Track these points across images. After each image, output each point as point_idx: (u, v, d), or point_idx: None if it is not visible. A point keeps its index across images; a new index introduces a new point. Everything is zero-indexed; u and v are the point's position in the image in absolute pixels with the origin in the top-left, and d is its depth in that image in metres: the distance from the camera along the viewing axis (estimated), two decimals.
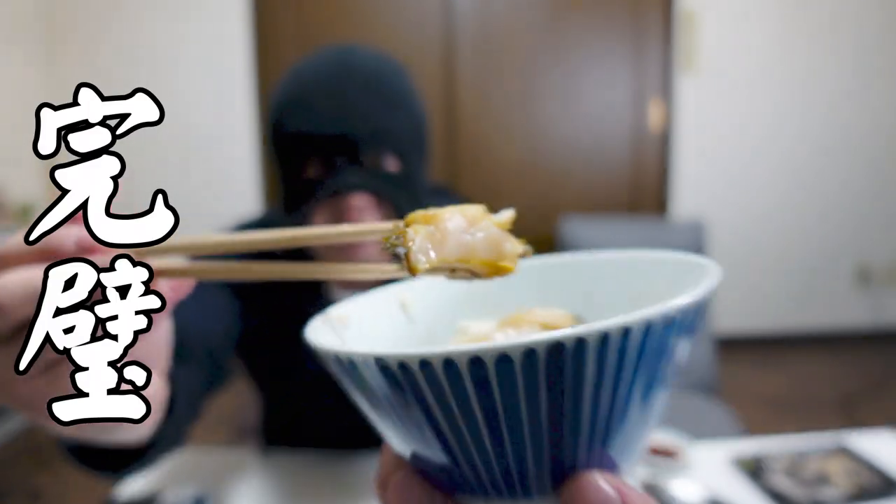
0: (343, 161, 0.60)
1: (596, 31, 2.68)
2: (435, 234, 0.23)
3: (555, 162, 2.77)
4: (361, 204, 0.61)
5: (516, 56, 2.68)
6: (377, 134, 0.61)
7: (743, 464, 0.81)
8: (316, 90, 0.60)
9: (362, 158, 0.61)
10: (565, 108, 2.73)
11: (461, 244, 0.23)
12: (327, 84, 0.60)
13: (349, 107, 0.60)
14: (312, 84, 0.61)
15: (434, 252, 0.22)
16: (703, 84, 2.71)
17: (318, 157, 0.61)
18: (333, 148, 0.60)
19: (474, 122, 2.70)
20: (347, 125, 0.60)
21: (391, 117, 0.62)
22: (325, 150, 0.61)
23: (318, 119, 0.60)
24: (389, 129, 0.62)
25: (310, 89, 0.61)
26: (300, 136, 0.61)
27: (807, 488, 0.75)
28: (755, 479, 0.77)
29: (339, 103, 0.60)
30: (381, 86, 0.62)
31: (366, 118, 0.60)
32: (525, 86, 2.71)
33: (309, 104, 0.61)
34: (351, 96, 0.60)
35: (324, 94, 0.60)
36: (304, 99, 0.61)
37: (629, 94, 2.74)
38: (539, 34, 2.67)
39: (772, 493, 0.74)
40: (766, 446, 0.85)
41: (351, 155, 0.60)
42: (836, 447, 0.85)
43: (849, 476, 0.78)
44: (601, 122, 2.75)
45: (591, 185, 2.80)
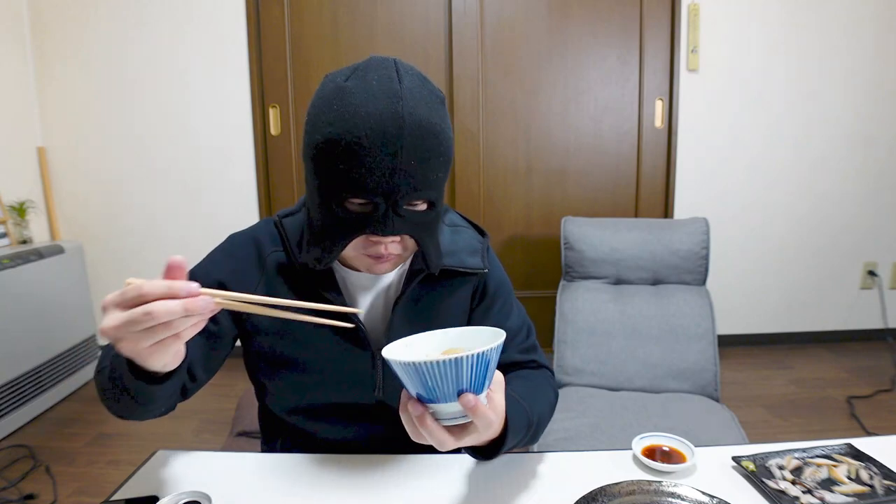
0: (385, 207, 0.68)
1: (597, 30, 2.68)
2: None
3: (557, 163, 2.77)
4: (392, 241, 0.72)
5: (516, 56, 2.68)
6: (420, 187, 0.68)
7: (747, 467, 0.81)
8: (370, 144, 0.64)
9: (402, 206, 0.68)
10: (567, 108, 2.73)
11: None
12: (381, 138, 0.64)
13: (401, 169, 0.66)
14: (368, 139, 0.64)
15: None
16: (705, 84, 2.71)
17: (360, 197, 0.68)
18: (381, 197, 0.67)
19: (474, 122, 2.69)
20: (399, 183, 0.66)
21: (433, 170, 0.69)
22: (369, 195, 0.67)
23: (372, 176, 0.65)
24: (430, 182, 0.69)
25: (365, 145, 0.64)
26: (349, 178, 0.66)
27: (811, 492, 0.75)
28: (759, 483, 0.77)
29: (393, 166, 0.65)
30: (427, 142, 0.67)
31: (414, 176, 0.67)
32: (526, 86, 2.70)
33: (361, 156, 0.65)
34: (404, 158, 0.65)
35: (380, 155, 0.65)
36: (357, 147, 0.65)
37: (632, 93, 2.73)
38: (540, 34, 2.67)
39: (776, 497, 0.74)
40: (770, 449, 0.85)
41: (394, 205, 0.68)
42: (842, 450, 0.85)
43: (854, 479, 0.78)
44: (603, 123, 2.75)
45: (594, 186, 2.80)
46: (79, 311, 2.60)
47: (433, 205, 0.72)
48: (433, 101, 0.69)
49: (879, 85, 2.78)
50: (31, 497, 1.72)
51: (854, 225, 2.91)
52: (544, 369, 0.93)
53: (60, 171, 2.69)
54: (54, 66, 2.61)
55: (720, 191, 2.82)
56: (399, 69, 0.68)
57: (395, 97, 0.65)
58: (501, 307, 0.91)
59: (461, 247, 0.86)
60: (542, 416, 0.83)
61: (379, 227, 0.68)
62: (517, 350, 0.91)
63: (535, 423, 0.80)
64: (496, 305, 0.91)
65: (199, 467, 0.83)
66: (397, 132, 0.64)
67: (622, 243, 2.00)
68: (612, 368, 1.82)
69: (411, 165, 0.66)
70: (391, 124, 0.64)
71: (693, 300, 1.90)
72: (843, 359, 2.80)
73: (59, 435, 2.15)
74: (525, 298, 0.99)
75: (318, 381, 0.85)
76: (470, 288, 0.89)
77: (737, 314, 2.95)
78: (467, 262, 0.86)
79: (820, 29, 2.71)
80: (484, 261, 0.88)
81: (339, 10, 2.62)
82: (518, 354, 0.91)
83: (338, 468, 0.83)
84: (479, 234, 0.91)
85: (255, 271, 0.83)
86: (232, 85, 2.62)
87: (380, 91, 0.66)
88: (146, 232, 2.74)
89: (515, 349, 0.91)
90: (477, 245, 0.88)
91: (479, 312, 0.90)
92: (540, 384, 0.89)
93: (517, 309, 0.94)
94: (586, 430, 1.50)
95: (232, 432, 1.33)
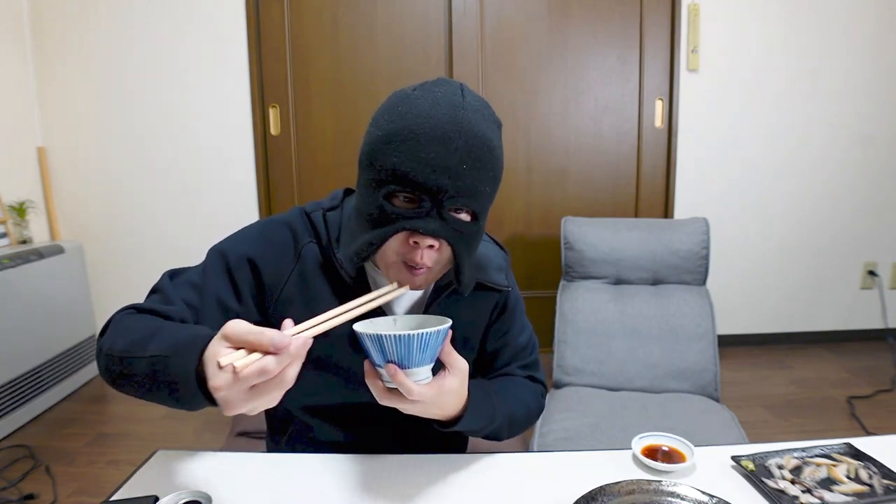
0: (430, 206, 0.69)
1: (597, 30, 2.68)
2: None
3: (557, 163, 2.77)
4: (432, 244, 0.72)
5: (516, 56, 2.68)
6: (468, 196, 0.70)
7: (746, 466, 0.81)
8: (426, 140, 0.68)
9: (447, 209, 0.70)
10: (567, 108, 2.73)
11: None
12: (438, 137, 0.67)
13: (453, 168, 0.68)
14: (425, 135, 0.68)
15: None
16: (705, 84, 2.71)
17: (410, 195, 0.70)
18: (428, 194, 0.69)
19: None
20: (447, 183, 0.68)
21: (482, 182, 0.71)
22: (419, 192, 0.69)
23: (424, 169, 0.68)
24: (478, 192, 0.71)
25: (422, 140, 0.68)
26: (403, 174, 0.68)
27: (811, 491, 0.75)
28: (758, 482, 0.77)
29: (446, 164, 0.68)
30: (481, 152, 0.70)
31: (462, 180, 0.69)
32: (526, 86, 2.70)
33: (416, 150, 0.68)
34: (456, 159, 0.68)
35: (434, 150, 0.67)
36: (413, 141, 0.68)
37: (632, 93, 2.73)
38: (540, 34, 2.67)
39: (775, 496, 0.74)
40: (770, 449, 0.85)
41: (439, 205, 0.69)
42: (841, 449, 0.85)
43: (854, 479, 0.78)
44: (603, 123, 2.75)
45: (594, 186, 2.80)
46: (79, 311, 2.60)
47: (476, 218, 0.74)
48: (491, 121, 0.73)
49: (879, 85, 2.78)
50: (31, 497, 1.72)
51: (854, 225, 2.91)
52: (538, 384, 0.97)
53: (60, 171, 2.69)
54: (54, 66, 2.61)
55: (720, 191, 2.82)
56: (464, 89, 0.72)
57: (458, 107, 0.69)
58: (517, 321, 0.95)
59: (488, 262, 0.90)
60: (513, 414, 0.88)
61: (421, 224, 0.70)
62: (518, 366, 0.95)
63: (502, 416, 0.85)
64: (513, 321, 0.94)
65: (199, 467, 0.83)
66: (454, 134, 0.67)
67: (622, 243, 2.00)
68: (612, 368, 1.82)
69: (462, 169, 0.68)
70: (450, 127, 0.68)
71: (693, 300, 1.90)
72: (843, 359, 2.80)
73: (58, 435, 2.15)
74: (525, 298, 1.00)
75: (338, 379, 0.86)
76: (491, 303, 0.91)
77: (737, 314, 2.95)
78: (494, 278, 0.89)
79: (820, 29, 2.71)
80: (508, 279, 0.92)
81: (339, 10, 2.62)
82: (518, 370, 0.95)
83: (338, 468, 0.83)
84: (501, 250, 0.95)
85: (290, 259, 0.82)
86: (232, 85, 2.62)
87: (443, 100, 0.69)
88: (146, 232, 2.74)
89: (517, 365, 0.95)
90: (502, 263, 0.92)
91: (496, 327, 0.93)
92: (522, 390, 0.93)
93: (528, 326, 0.98)
94: (586, 430, 1.50)
95: (232, 432, 1.33)
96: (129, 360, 0.67)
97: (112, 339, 0.72)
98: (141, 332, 0.69)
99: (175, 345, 0.63)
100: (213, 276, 0.79)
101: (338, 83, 2.67)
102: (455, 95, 0.70)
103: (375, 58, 2.65)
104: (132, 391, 0.70)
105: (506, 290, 0.90)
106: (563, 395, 1.73)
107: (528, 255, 2.82)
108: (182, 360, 0.61)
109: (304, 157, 2.72)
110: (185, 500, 0.68)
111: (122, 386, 0.70)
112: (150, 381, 0.65)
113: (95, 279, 2.73)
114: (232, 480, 0.80)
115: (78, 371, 2.55)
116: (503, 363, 0.95)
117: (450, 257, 0.75)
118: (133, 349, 0.67)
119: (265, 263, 0.81)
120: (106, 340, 0.72)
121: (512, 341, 0.94)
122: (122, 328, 0.72)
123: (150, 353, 0.65)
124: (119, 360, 0.69)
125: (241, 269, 0.80)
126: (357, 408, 0.87)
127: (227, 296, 0.79)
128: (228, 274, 0.80)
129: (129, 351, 0.68)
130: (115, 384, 0.71)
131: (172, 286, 0.79)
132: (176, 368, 0.61)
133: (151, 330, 0.68)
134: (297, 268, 0.82)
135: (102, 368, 0.72)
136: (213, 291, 0.79)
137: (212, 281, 0.79)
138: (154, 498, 0.71)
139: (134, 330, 0.70)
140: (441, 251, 0.74)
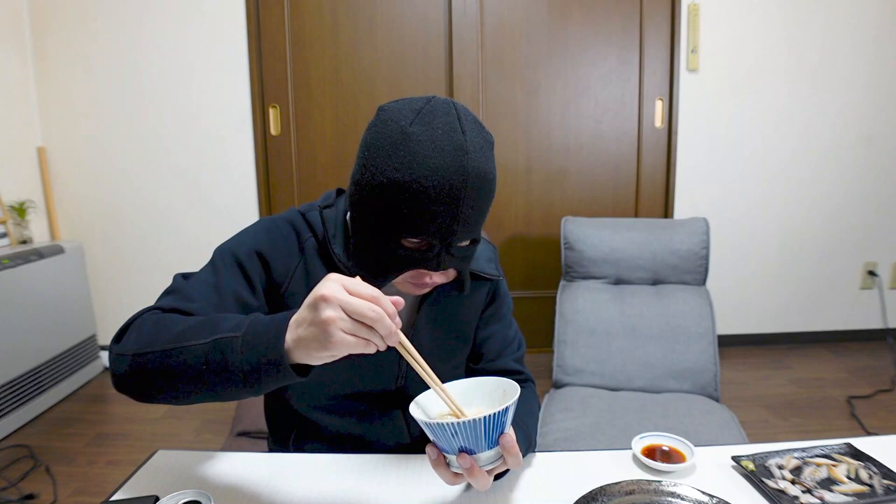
0: (439, 248, 0.74)
1: (598, 30, 2.68)
2: None
3: (557, 163, 2.77)
4: (440, 274, 0.78)
5: (516, 56, 2.68)
6: (473, 231, 0.75)
7: (746, 466, 0.81)
8: (436, 194, 0.69)
9: (454, 246, 0.74)
10: (567, 108, 2.73)
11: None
12: (446, 190, 0.69)
13: (461, 217, 0.72)
14: (434, 189, 0.69)
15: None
16: (705, 83, 2.71)
17: (418, 238, 0.73)
18: (436, 238, 0.73)
19: None
20: (456, 229, 0.72)
21: (485, 214, 0.77)
22: (427, 237, 0.73)
23: (432, 218, 0.71)
24: (481, 222, 0.76)
25: (431, 194, 0.69)
26: (411, 221, 0.71)
27: (811, 491, 0.75)
28: (758, 482, 0.77)
29: (455, 216, 0.71)
30: (485, 191, 0.73)
31: (469, 221, 0.73)
32: (526, 86, 2.70)
33: (426, 203, 0.70)
34: (465, 208, 0.71)
35: (444, 205, 0.70)
36: (423, 195, 0.69)
37: (632, 93, 2.73)
38: (540, 34, 2.67)
39: (775, 496, 0.74)
40: (770, 449, 0.85)
41: (447, 245, 0.74)
42: (841, 450, 0.85)
43: (854, 479, 0.78)
44: (603, 123, 2.75)
45: (594, 186, 2.80)
46: (79, 311, 2.60)
47: (477, 242, 0.79)
48: (488, 149, 0.75)
49: (879, 85, 2.78)
50: (31, 497, 1.72)
51: (854, 225, 2.91)
52: (529, 382, 1.00)
53: (60, 171, 2.69)
54: (54, 66, 2.61)
55: (720, 191, 2.82)
56: (460, 116, 0.72)
57: (461, 150, 0.70)
58: (506, 314, 1.00)
59: (479, 253, 0.93)
60: (535, 431, 0.92)
61: (432, 264, 0.75)
62: (512, 358, 0.99)
63: (533, 438, 0.88)
64: (503, 310, 0.99)
65: (199, 467, 0.83)
66: (461, 185, 0.70)
67: (622, 243, 2.00)
68: (612, 368, 1.82)
69: (470, 214, 0.72)
70: (456, 178, 0.69)
71: (693, 300, 1.90)
72: (843, 359, 2.80)
73: (59, 435, 2.15)
74: (525, 298, 1.02)
75: (345, 372, 0.84)
76: (484, 292, 0.96)
77: (737, 314, 2.95)
78: (486, 268, 0.93)
79: (820, 29, 2.71)
80: (498, 269, 0.97)
81: (339, 10, 2.62)
82: (513, 363, 0.99)
83: (338, 468, 0.83)
84: (489, 244, 0.99)
85: (296, 253, 0.83)
86: (232, 85, 2.62)
87: (445, 142, 0.70)
88: (146, 232, 2.74)
89: (511, 357, 0.99)
90: (491, 254, 0.97)
91: (488, 314, 0.97)
92: (529, 402, 0.94)
93: (514, 322, 1.03)
94: (586, 430, 1.50)
95: (232, 432, 1.33)
96: (175, 350, 0.63)
97: (144, 337, 0.68)
98: (184, 324, 0.66)
99: (239, 325, 0.62)
100: (227, 273, 0.79)
101: (338, 83, 2.67)
102: (455, 133, 0.70)
103: (375, 58, 2.65)
104: (167, 386, 0.65)
105: (497, 278, 0.94)
106: (563, 395, 1.73)
107: (528, 255, 2.82)
108: (266, 332, 0.60)
109: (304, 157, 2.72)
110: (185, 500, 0.68)
111: (151, 386, 0.66)
112: (206, 366, 0.61)
113: (95, 279, 2.73)
114: (232, 480, 0.80)
115: (78, 371, 2.55)
116: (495, 353, 0.97)
117: (455, 272, 0.81)
118: (182, 339, 0.64)
119: (273, 256, 0.81)
120: (131, 341, 0.68)
121: (502, 330, 0.98)
122: (154, 327, 0.68)
123: (211, 337, 0.62)
124: (161, 354, 0.64)
125: (251, 263, 0.80)
126: (363, 397, 0.89)
127: (243, 291, 0.79)
128: (241, 269, 0.80)
129: (176, 341, 0.64)
130: (139, 386, 0.67)
131: (188, 286, 0.77)
132: (255, 340, 0.59)
133: (198, 321, 0.66)
134: (301, 261, 0.83)
135: (124, 371, 0.67)
136: (230, 288, 0.78)
137: (226, 278, 0.78)
138: (154, 498, 0.71)
139: (175, 323, 0.67)
140: (448, 273, 0.81)
